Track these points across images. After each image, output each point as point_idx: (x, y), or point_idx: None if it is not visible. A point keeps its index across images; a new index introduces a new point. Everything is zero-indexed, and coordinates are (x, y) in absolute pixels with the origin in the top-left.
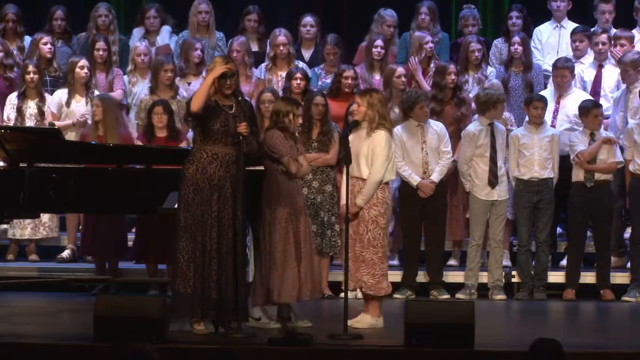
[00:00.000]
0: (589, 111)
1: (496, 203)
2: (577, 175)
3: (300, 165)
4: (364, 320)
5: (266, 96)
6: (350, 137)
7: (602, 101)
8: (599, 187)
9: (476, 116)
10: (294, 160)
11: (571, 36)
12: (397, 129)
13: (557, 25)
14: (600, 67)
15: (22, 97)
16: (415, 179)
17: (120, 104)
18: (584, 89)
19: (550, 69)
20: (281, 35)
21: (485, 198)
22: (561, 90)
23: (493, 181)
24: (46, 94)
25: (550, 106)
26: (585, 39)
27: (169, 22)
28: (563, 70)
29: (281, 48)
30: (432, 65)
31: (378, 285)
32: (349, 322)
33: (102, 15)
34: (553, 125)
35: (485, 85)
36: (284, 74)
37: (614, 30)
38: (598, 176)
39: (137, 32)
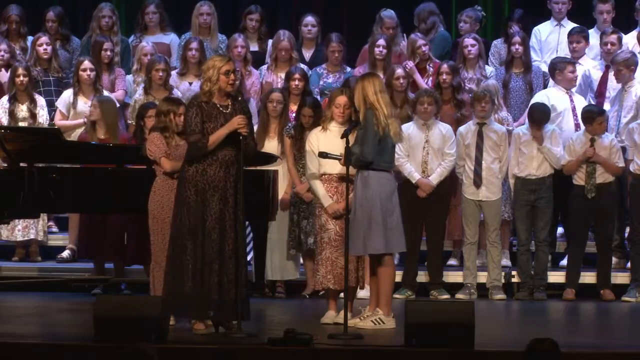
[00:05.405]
0: (594, 119)
1: (485, 203)
2: (578, 179)
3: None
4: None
5: (275, 96)
6: (324, 135)
7: (606, 102)
8: (601, 189)
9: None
10: (167, 159)
11: (568, 37)
12: (406, 126)
13: (557, 24)
14: (607, 67)
15: (13, 100)
16: (415, 177)
17: (122, 104)
18: (591, 89)
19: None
20: (285, 41)
21: (471, 197)
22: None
23: (477, 181)
24: (37, 96)
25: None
26: (583, 40)
27: (168, 24)
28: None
29: (283, 53)
30: (429, 66)
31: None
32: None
33: (106, 17)
34: None
35: (481, 84)
36: (284, 75)
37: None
38: (600, 180)
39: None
